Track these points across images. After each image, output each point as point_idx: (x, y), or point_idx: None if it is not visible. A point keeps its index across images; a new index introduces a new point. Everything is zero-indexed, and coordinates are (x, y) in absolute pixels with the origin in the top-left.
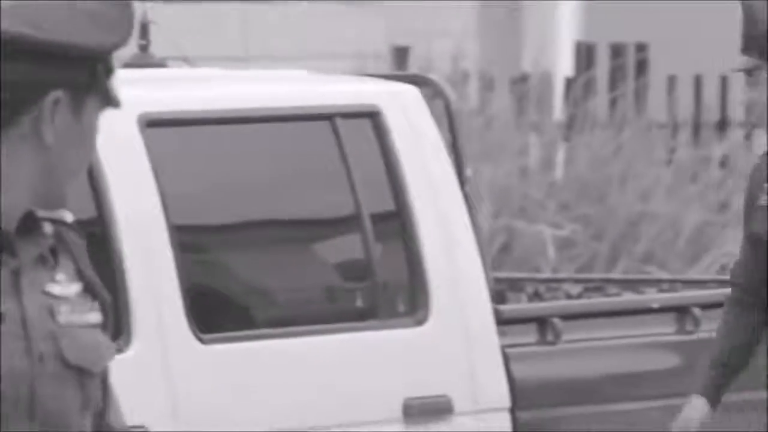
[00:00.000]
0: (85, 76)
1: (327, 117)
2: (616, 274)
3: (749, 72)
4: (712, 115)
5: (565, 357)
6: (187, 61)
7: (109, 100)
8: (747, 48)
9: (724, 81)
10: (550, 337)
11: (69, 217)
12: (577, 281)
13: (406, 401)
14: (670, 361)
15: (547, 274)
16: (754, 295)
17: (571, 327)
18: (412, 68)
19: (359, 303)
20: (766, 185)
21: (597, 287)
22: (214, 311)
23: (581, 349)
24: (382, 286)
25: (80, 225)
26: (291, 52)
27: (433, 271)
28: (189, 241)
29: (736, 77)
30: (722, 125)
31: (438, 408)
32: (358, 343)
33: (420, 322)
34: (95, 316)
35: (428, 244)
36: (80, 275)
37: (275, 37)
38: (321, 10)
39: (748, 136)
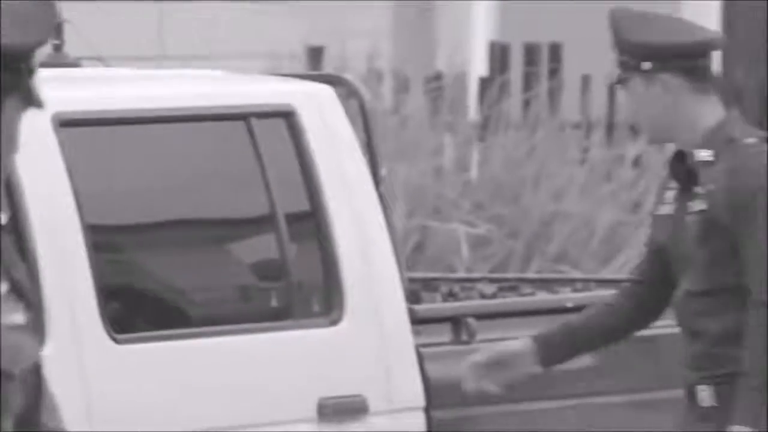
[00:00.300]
0: (6, 75)
1: (242, 117)
2: (530, 274)
3: (619, 82)
4: (625, 115)
5: None
6: (101, 60)
7: (32, 101)
8: (619, 59)
9: None
10: (464, 337)
11: (3, 217)
12: (491, 281)
13: (321, 401)
14: (584, 360)
15: (461, 274)
16: (648, 296)
17: (486, 326)
18: (327, 68)
19: (274, 303)
20: (666, 194)
21: (511, 287)
22: (128, 311)
23: None
24: (296, 285)
25: None
26: (206, 52)
27: (348, 271)
28: (103, 241)
29: None
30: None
31: (353, 408)
32: (272, 342)
33: (335, 322)
34: (20, 317)
35: (343, 244)
36: (7, 275)
37: (190, 36)
38: (235, 10)
39: None
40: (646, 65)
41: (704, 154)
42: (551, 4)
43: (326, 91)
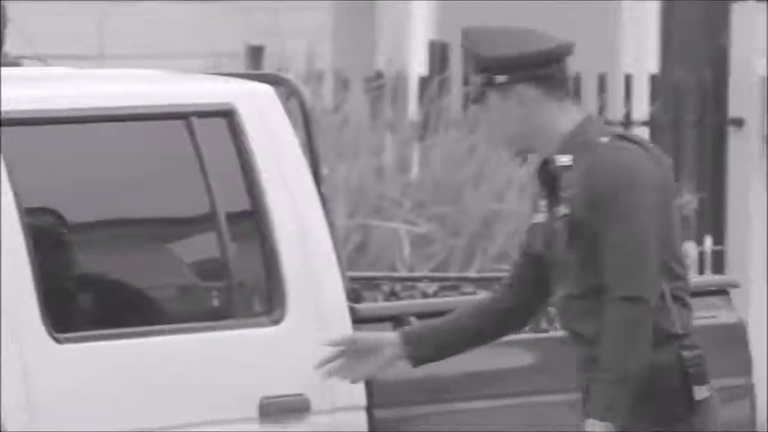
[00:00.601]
0: None
1: (182, 116)
2: (471, 273)
3: (476, 100)
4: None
5: None
6: (41, 59)
7: None
8: (474, 77)
9: (577, 80)
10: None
11: None
12: (432, 280)
13: (263, 400)
14: (526, 358)
15: (403, 273)
16: (520, 301)
17: None
18: (267, 68)
19: (216, 302)
20: (540, 203)
21: (453, 286)
22: (70, 311)
23: None
24: (238, 285)
25: None
26: (146, 51)
27: (290, 270)
28: (44, 241)
29: (587, 76)
30: None
31: (295, 407)
32: (214, 342)
33: (276, 322)
34: None
35: (284, 244)
36: None
37: (130, 36)
38: (176, 9)
39: None
40: (500, 78)
41: (564, 159)
42: (490, 4)
43: (267, 90)
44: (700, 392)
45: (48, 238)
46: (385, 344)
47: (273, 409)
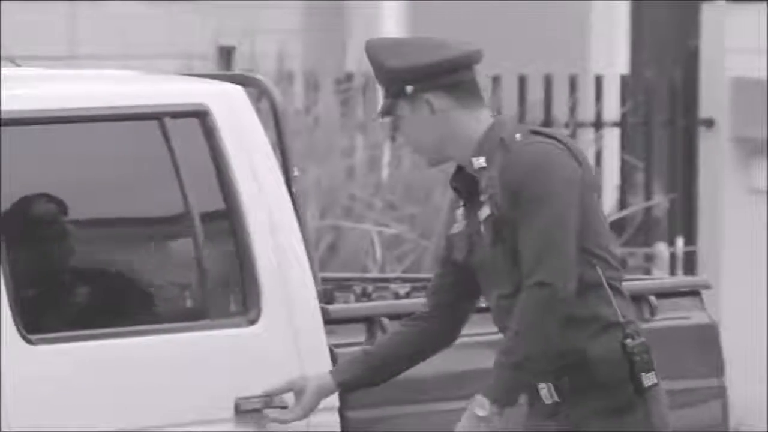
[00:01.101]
0: None
1: (155, 117)
2: None
3: (387, 113)
4: (537, 114)
5: None
6: (12, 60)
7: None
8: (384, 90)
9: (548, 81)
10: (378, 337)
11: None
12: (404, 281)
13: (238, 401)
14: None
15: (374, 274)
16: (450, 313)
17: None
18: (238, 68)
19: (190, 303)
20: (456, 213)
21: (424, 286)
22: (43, 312)
23: None
24: (213, 286)
25: None
26: (118, 52)
27: (264, 270)
28: (17, 240)
29: (558, 77)
30: (547, 125)
31: (269, 408)
32: (189, 343)
33: (252, 322)
34: None
35: (258, 244)
36: None
37: (102, 36)
38: (147, 10)
39: (572, 135)
40: (409, 89)
41: (480, 161)
42: (460, 4)
43: (238, 91)
44: (647, 379)
45: (21, 238)
46: (315, 377)
47: (248, 409)
